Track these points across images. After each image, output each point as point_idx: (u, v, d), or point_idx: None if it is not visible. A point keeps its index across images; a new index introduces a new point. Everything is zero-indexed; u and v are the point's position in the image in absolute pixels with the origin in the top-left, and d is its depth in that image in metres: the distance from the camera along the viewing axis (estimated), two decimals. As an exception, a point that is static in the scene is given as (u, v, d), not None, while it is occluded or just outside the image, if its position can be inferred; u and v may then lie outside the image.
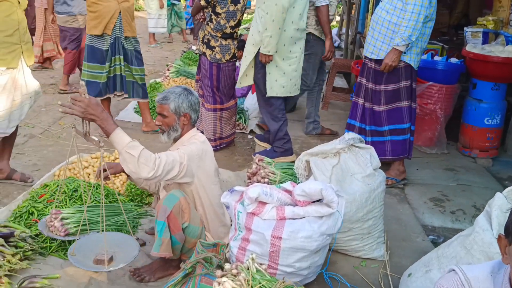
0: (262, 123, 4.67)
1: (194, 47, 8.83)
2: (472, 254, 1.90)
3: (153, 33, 9.74)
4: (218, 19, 4.02)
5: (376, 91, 3.55)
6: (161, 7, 9.39)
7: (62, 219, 2.63)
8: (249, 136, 5.13)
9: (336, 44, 10.47)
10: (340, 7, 10.97)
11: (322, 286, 2.39)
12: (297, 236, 2.14)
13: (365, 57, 3.64)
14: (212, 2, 3.97)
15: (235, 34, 4.17)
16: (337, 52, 9.71)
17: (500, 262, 1.30)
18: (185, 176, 2.37)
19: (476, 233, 1.95)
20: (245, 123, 5.27)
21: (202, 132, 4.06)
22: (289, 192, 2.33)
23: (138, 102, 4.82)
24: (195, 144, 2.49)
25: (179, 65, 6.89)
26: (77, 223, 2.60)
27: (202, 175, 2.50)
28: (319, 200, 2.26)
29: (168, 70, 6.70)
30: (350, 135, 2.79)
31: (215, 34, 4.07)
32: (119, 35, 4.39)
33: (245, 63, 3.83)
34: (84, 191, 2.90)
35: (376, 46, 3.45)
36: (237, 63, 4.35)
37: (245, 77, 3.90)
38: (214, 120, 4.29)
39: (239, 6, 4.08)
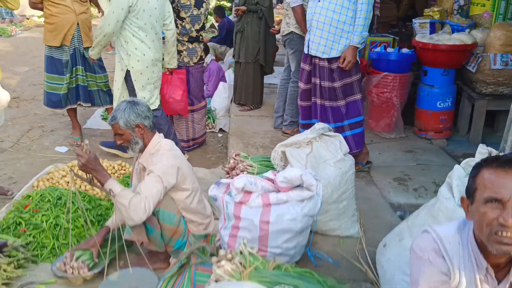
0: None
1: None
2: (439, 221, 2.15)
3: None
4: (183, 24, 4.16)
5: (332, 88, 3.68)
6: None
7: (77, 258, 2.59)
8: (219, 135, 5.31)
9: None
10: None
11: (307, 264, 2.60)
12: (283, 219, 2.35)
13: (314, 57, 3.70)
14: (176, 8, 4.10)
15: (200, 37, 4.32)
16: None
17: (464, 220, 1.55)
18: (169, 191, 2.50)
19: (440, 202, 2.21)
20: (213, 122, 5.44)
21: (174, 133, 4.25)
22: (271, 180, 2.53)
23: (106, 108, 4.88)
24: (165, 157, 2.48)
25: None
26: (91, 257, 2.61)
27: (181, 178, 2.55)
28: (299, 186, 2.47)
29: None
30: (320, 125, 3.01)
31: (181, 39, 4.21)
32: (78, 46, 4.43)
33: None
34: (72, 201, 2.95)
35: (327, 46, 3.59)
36: (205, 64, 4.51)
37: None
38: (187, 122, 4.43)
39: (202, 9, 4.23)
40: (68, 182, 3.57)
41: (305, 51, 3.81)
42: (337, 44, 3.56)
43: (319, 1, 3.57)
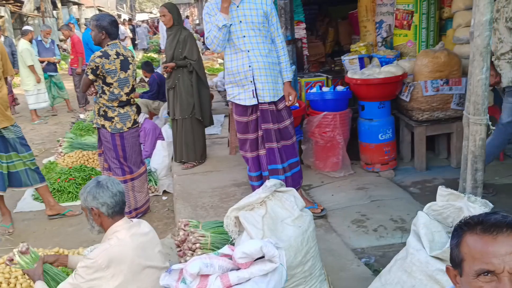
0: None
1: (82, 116, 8.48)
2: (414, 276, 2.02)
3: (35, 110, 9.16)
4: (111, 89, 3.92)
5: (283, 128, 3.69)
6: (38, 81, 8.90)
7: None
8: (164, 198, 5.00)
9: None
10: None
11: None
12: (248, 301, 2.11)
13: (260, 104, 3.61)
14: (101, 74, 3.87)
15: (131, 100, 4.09)
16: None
17: (452, 287, 1.40)
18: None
19: (411, 255, 2.08)
20: (156, 184, 5.14)
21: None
22: (228, 256, 2.30)
23: (36, 188, 4.47)
24: (101, 255, 2.29)
25: (71, 138, 6.54)
26: None
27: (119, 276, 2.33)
28: (260, 258, 2.25)
29: (60, 145, 6.32)
30: (271, 182, 2.83)
31: (111, 105, 3.95)
32: None
33: None
34: None
35: (274, 89, 3.60)
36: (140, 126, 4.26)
37: None
38: (127, 192, 4.11)
39: (129, 71, 4.02)
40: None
41: (248, 103, 3.61)
42: (278, 84, 3.63)
43: (248, 51, 3.52)
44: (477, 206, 1.96)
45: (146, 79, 8.78)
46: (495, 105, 4.61)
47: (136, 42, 20.53)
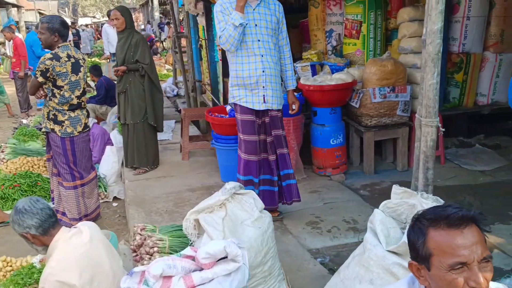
0: None
1: (25, 121, 8.11)
2: (371, 270, 2.10)
3: (-27, 116, 8.66)
4: (61, 92, 3.79)
5: (280, 135, 3.72)
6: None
7: None
8: (114, 204, 4.89)
9: (175, 93, 10.65)
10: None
11: None
12: (212, 301, 2.11)
13: (270, 110, 3.64)
14: (51, 77, 3.73)
15: (82, 103, 3.97)
16: (178, 100, 9.90)
17: (412, 277, 1.48)
18: None
19: (368, 250, 2.17)
20: (105, 191, 5.01)
21: (63, 213, 3.80)
22: (191, 257, 2.29)
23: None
24: (46, 282, 2.27)
25: (14, 144, 6.23)
26: None
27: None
28: (223, 258, 2.26)
29: (3, 151, 6.00)
30: (230, 184, 2.86)
31: (61, 108, 3.82)
32: None
33: None
34: None
35: (280, 97, 3.68)
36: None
37: None
38: (77, 198, 3.98)
39: (80, 74, 3.91)
40: None
41: (256, 107, 3.60)
42: (281, 92, 3.73)
43: (262, 56, 3.51)
44: (429, 203, 2.08)
45: (94, 83, 8.54)
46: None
47: (80, 46, 19.89)
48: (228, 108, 4.68)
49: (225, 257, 2.26)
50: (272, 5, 3.61)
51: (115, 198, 4.99)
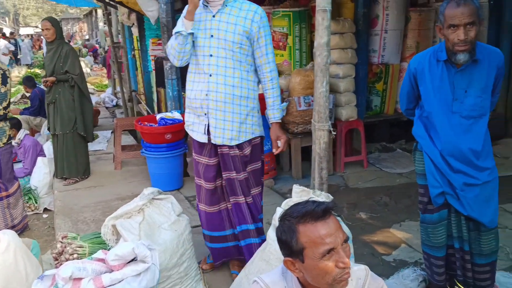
0: None
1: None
2: (272, 264, 2.27)
3: None
4: (-14, 104, 3.77)
5: (233, 179, 2.89)
6: None
7: None
8: (44, 215, 4.85)
9: (114, 103, 10.58)
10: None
11: None
12: (120, 300, 2.21)
13: (221, 146, 2.86)
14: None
15: (7, 114, 3.96)
16: (117, 110, 9.85)
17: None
18: None
19: (269, 245, 2.35)
20: (36, 202, 4.96)
21: None
22: (102, 260, 2.38)
23: None
24: None
25: None
26: None
27: None
28: (133, 260, 2.37)
29: None
30: (149, 190, 2.96)
31: (-15, 120, 3.80)
32: None
33: None
34: None
35: (234, 130, 2.82)
36: (13, 142, 4.12)
37: None
38: (2, 210, 3.97)
39: (8, 85, 3.91)
40: None
41: (199, 139, 2.91)
42: (245, 125, 2.87)
43: (210, 75, 2.76)
44: (322, 199, 2.28)
45: (28, 94, 8.36)
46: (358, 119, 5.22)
47: (18, 57, 19.27)
48: (158, 117, 4.77)
49: (135, 259, 2.37)
50: (245, 11, 2.75)
51: (46, 210, 4.95)
